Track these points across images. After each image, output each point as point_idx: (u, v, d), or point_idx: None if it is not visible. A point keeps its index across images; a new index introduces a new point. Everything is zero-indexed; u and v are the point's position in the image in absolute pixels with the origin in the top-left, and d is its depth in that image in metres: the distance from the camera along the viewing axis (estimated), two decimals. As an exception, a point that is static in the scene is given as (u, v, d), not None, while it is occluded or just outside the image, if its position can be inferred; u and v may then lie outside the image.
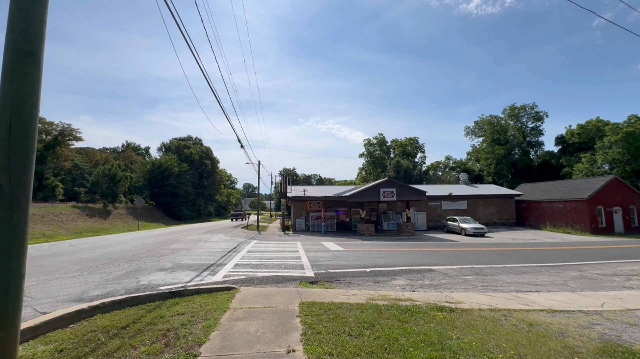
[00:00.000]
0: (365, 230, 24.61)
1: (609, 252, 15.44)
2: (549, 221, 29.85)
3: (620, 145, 47.84)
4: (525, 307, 6.57)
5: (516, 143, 65.87)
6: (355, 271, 10.13)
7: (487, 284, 8.90)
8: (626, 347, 4.44)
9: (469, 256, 14.05)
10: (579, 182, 31.33)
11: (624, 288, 8.74)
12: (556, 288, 8.61)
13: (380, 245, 18.20)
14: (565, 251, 15.97)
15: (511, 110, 68.19)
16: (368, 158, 71.62)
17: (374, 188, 24.99)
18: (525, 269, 11.17)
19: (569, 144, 61.95)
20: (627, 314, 6.35)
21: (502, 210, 33.15)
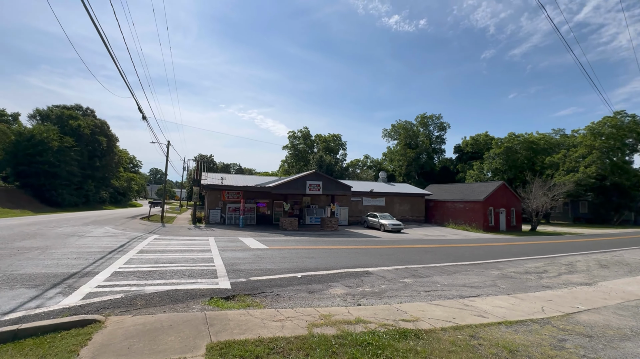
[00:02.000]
0: (288, 224, 22.88)
1: (509, 249, 17.10)
2: (452, 219, 33.16)
3: (501, 156, 57.15)
4: (483, 320, 5.71)
5: (424, 149, 73.05)
6: (284, 278, 8.21)
7: (428, 288, 8.08)
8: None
9: (397, 254, 13.60)
10: (476, 186, 35.70)
11: (543, 287, 8.97)
12: (491, 290, 8.29)
13: (306, 241, 16.69)
14: (476, 248, 17.12)
15: (422, 118, 75.36)
16: (292, 151, 70.15)
17: (300, 180, 23.43)
18: (454, 268, 11.00)
19: (464, 153, 71.79)
20: (570, 321, 6.02)
21: (414, 208, 35.58)
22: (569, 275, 10.82)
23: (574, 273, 11.08)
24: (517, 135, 59.31)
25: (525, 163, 56.68)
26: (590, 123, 51.78)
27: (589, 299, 7.77)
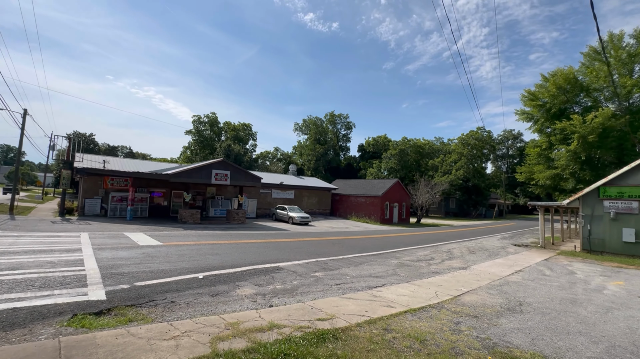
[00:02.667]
0: (189, 217, 20.51)
1: (402, 240, 19.12)
2: (354, 212, 35.62)
3: (396, 157, 64.49)
4: (391, 310, 5.89)
5: (332, 145, 76.67)
6: (182, 281, 6.98)
7: (339, 281, 8.09)
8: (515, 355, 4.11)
9: (307, 247, 13.53)
10: (376, 182, 39.23)
11: (433, 273, 10.09)
12: (393, 279, 8.84)
13: (210, 236, 15.12)
14: (376, 239, 18.56)
15: (331, 116, 78.88)
16: (196, 137, 64.05)
17: (205, 169, 21.26)
18: (360, 259, 11.49)
19: (366, 152, 78.51)
20: (458, 303, 6.77)
21: (321, 201, 36.85)
22: (449, 261, 12.57)
23: (453, 259, 12.94)
24: (409, 139, 67.95)
25: (414, 165, 65.46)
26: (461, 134, 63.11)
27: (467, 281, 9.03)
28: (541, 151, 29.67)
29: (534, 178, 29.80)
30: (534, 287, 8.62)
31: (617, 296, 8.00)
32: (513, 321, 5.67)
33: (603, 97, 26.45)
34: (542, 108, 27.78)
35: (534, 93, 28.53)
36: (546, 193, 31.88)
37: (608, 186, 16.43)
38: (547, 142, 27.97)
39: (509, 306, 6.74)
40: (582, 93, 26.38)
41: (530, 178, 31.26)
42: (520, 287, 8.55)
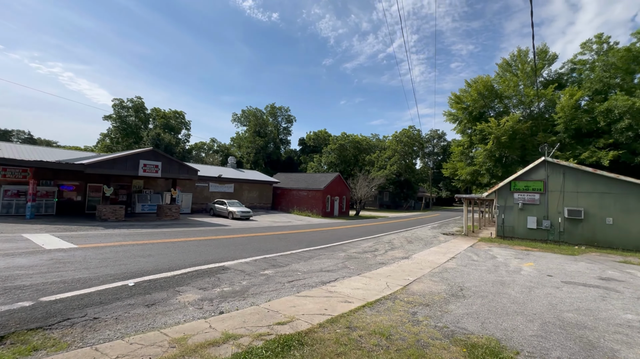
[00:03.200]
0: (110, 214, 17.87)
1: (345, 232, 19.52)
2: (296, 206, 35.44)
3: (336, 152, 66.12)
4: (350, 306, 5.76)
5: (272, 138, 75.16)
6: (107, 290, 5.84)
7: (291, 278, 7.73)
8: (473, 341, 4.26)
9: (252, 243, 12.82)
10: (318, 176, 39.57)
11: (379, 264, 10.38)
12: (344, 272, 8.81)
13: (139, 234, 13.33)
14: (321, 232, 18.60)
15: (272, 108, 77.23)
16: (118, 123, 56.59)
17: (132, 159, 18.72)
18: (309, 254, 11.28)
19: (307, 146, 78.93)
20: (409, 293, 7.00)
21: (262, 195, 35.80)
22: (392, 251, 13.15)
23: (395, 249, 13.58)
24: (348, 135, 70.19)
25: (353, 159, 67.96)
26: (395, 132, 67.44)
27: (412, 271, 9.47)
28: (463, 149, 33.31)
29: (458, 173, 33.35)
30: (468, 272, 9.42)
31: (532, 276, 9.19)
32: (460, 307, 6.02)
33: (511, 104, 30.72)
34: (465, 111, 31.17)
35: (459, 97, 31.81)
36: (465, 187, 35.94)
37: (517, 180, 19.00)
38: (468, 141, 31.53)
39: (452, 292, 7.19)
40: (497, 99, 30.30)
41: (455, 173, 34.91)
42: (457, 273, 9.26)
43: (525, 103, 28.72)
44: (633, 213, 15.85)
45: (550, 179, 18.02)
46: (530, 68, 29.53)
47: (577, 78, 28.27)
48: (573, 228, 17.18)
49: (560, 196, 17.66)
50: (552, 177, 17.98)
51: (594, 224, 16.69)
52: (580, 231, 16.97)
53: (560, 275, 9.61)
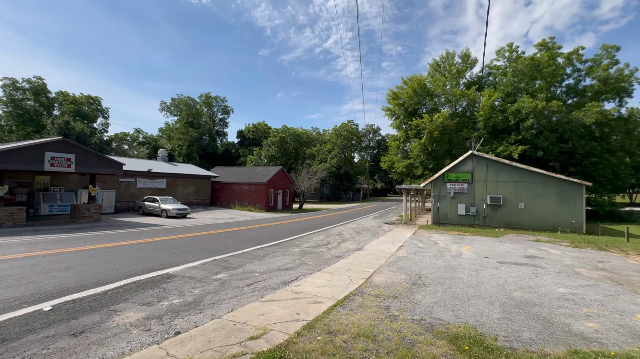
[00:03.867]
0: (6, 218, 14.48)
1: (294, 226, 19.11)
2: (238, 201, 33.75)
3: (277, 145, 64.89)
4: (321, 306, 5.41)
5: (207, 129, 70.46)
6: (12, 321, 4.46)
7: (249, 281, 7.06)
8: (454, 332, 4.25)
9: (197, 243, 11.58)
10: (260, 169, 38.23)
11: (336, 257, 10.25)
12: (304, 269, 8.43)
13: (50, 242, 10.96)
14: (269, 228, 17.86)
15: (206, 98, 72.20)
16: (10, 108, 46.67)
17: (34, 150, 15.38)
18: (262, 252, 10.61)
19: (246, 138, 75.87)
20: (372, 286, 6.94)
21: (199, 191, 33.23)
22: (344, 243, 13.19)
23: (346, 241, 13.67)
24: (288, 128, 69.34)
25: (293, 152, 67.54)
26: (335, 126, 68.91)
27: (369, 262, 9.52)
28: (399, 143, 35.48)
29: (395, 166, 35.43)
30: (419, 260, 9.84)
31: (474, 259, 10.02)
32: (426, 296, 6.13)
33: (440, 102, 33.63)
34: (402, 107, 33.17)
35: (395, 93, 33.67)
36: (400, 178, 38.47)
37: (450, 172, 20.79)
38: (404, 135, 33.66)
39: (412, 281, 7.35)
40: (428, 97, 32.86)
41: (392, 166, 37.02)
42: (410, 261, 9.59)
43: (452, 102, 31.71)
44: (539, 198, 18.57)
45: (476, 170, 20.08)
46: (456, 69, 32.65)
47: (493, 82, 32.23)
48: (494, 213, 19.48)
49: (484, 185, 19.82)
50: (477, 168, 20.06)
51: (510, 209, 19.15)
52: (500, 216, 19.34)
53: (494, 256, 10.67)
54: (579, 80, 29.51)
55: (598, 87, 27.32)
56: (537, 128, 25.78)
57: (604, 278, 7.93)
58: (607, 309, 5.54)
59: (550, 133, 25.67)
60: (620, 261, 10.17)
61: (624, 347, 4.03)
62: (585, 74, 29.06)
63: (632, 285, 7.41)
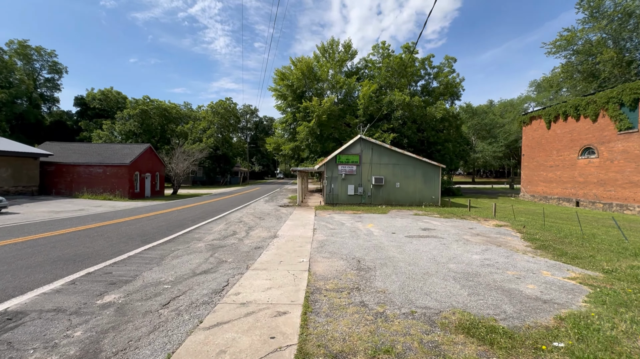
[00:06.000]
0: None
1: (179, 215, 15.93)
2: (87, 187, 26.00)
3: (137, 119, 53.80)
4: (291, 319, 4.24)
5: (25, 91, 51.60)
6: None
7: (162, 298, 5.02)
8: (457, 320, 3.88)
9: (48, 251, 7.75)
10: (119, 147, 30.55)
11: (256, 249, 8.84)
12: (228, 270, 6.78)
13: None
14: (147, 220, 14.19)
15: (21, 47, 52.59)
16: None
17: None
18: (156, 253, 8.06)
19: (90, 108, 59.58)
20: (322, 278, 6.16)
21: (21, 174, 23.80)
22: (253, 231, 11.74)
23: (254, 229, 12.23)
24: (152, 100, 58.46)
25: (159, 129, 57.72)
26: (211, 103, 62.53)
27: (295, 250, 8.60)
28: (286, 126, 35.14)
29: (282, 149, 34.99)
30: (341, 242, 9.61)
31: (386, 236, 10.56)
32: (385, 282, 5.76)
33: (325, 87, 34.93)
34: (290, 88, 32.64)
35: (284, 74, 32.79)
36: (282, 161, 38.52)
37: (341, 154, 21.79)
38: (292, 118, 33.44)
39: (355, 266, 6.93)
40: (315, 81, 33.50)
41: (278, 148, 36.43)
42: (334, 245, 9.22)
43: (336, 88, 33.42)
44: (410, 178, 21.78)
45: (363, 153, 21.74)
46: (340, 58, 34.40)
47: (369, 74, 35.73)
48: (377, 192, 21.72)
49: (370, 167, 21.73)
50: (365, 152, 21.75)
51: (389, 188, 21.75)
52: (382, 194, 21.73)
53: (398, 231, 11.58)
54: (429, 82, 36.26)
55: (442, 89, 34.26)
56: (403, 119, 30.26)
57: (486, 242, 9.66)
58: (519, 269, 6.56)
59: (412, 124, 30.62)
60: (482, 227, 12.83)
61: (575, 303, 4.67)
62: (433, 78, 35.90)
63: (506, 245, 9.25)
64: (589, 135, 22.53)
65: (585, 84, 35.37)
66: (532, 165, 28.74)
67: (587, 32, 33.92)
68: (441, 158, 30.53)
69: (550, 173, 26.39)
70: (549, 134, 26.48)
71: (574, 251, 8.23)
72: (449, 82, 34.06)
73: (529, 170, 29.22)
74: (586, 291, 5.09)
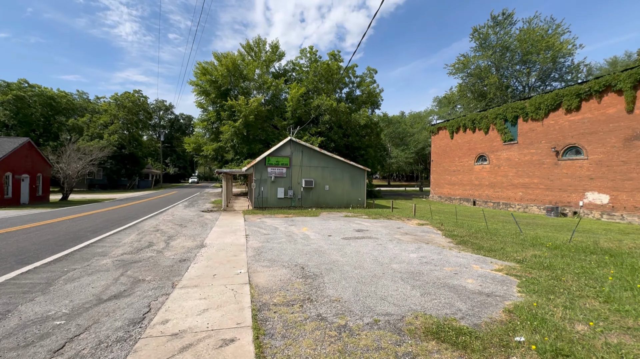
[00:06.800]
0: None
1: (72, 226, 12.92)
2: None
3: (9, 107, 43.15)
4: (243, 346, 3.53)
5: None
6: None
7: (55, 341, 3.71)
8: (424, 327, 3.71)
9: None
10: (-21, 141, 23.70)
11: (181, 261, 7.61)
12: (145, 289, 5.55)
13: None
14: (26, 233, 11.04)
15: None
16: None
17: None
18: (41, 276, 6.17)
19: None
20: (267, 292, 5.54)
21: None
22: (173, 240, 10.21)
23: (175, 238, 10.66)
24: (32, 85, 47.69)
25: (43, 122, 47.42)
26: (115, 94, 54.22)
27: (229, 260, 7.68)
28: (209, 124, 32.50)
29: (203, 149, 32.17)
30: (279, 248, 9.02)
31: (323, 239, 10.35)
32: (337, 289, 5.42)
33: (251, 87, 33.56)
34: (214, 85, 30.26)
35: (207, 69, 30.24)
36: (207, 163, 35.69)
37: (271, 156, 21.07)
38: (215, 116, 31.05)
39: (300, 274, 6.45)
40: (242, 80, 31.83)
41: (199, 149, 33.42)
42: (272, 251, 8.58)
43: (264, 89, 32.40)
44: (339, 181, 22.33)
45: (293, 155, 21.43)
46: (267, 58, 33.52)
47: (297, 77, 35.71)
48: (307, 195, 21.63)
49: (300, 169, 21.52)
50: (295, 154, 21.46)
51: (319, 191, 21.90)
52: (312, 197, 21.72)
53: (334, 233, 11.52)
54: (353, 90, 38.18)
55: (364, 98, 36.42)
56: (330, 123, 31.06)
57: (416, 240, 10.26)
58: (453, 264, 6.99)
59: (338, 129, 31.64)
60: (408, 226, 13.72)
61: (512, 294, 5.03)
62: (357, 86, 37.94)
63: (432, 242, 9.96)
64: (483, 145, 26.66)
65: (476, 102, 42.10)
66: (439, 169, 32.64)
67: (477, 59, 40.49)
68: (364, 162, 32.26)
69: (453, 177, 30.35)
70: (452, 143, 30.47)
71: (487, 244, 9.28)
72: (370, 92, 36.43)
73: (436, 174, 33.10)
74: (514, 281, 5.63)
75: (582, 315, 3.93)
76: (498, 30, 38.45)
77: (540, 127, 21.66)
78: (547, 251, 8.12)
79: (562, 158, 20.24)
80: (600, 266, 6.40)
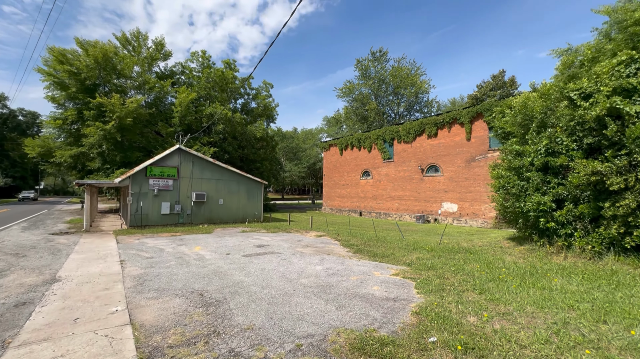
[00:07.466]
0: None
1: None
2: None
3: None
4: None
5: None
6: None
7: None
8: (350, 344, 3.54)
9: None
10: None
11: (19, 306, 5.54)
12: None
13: None
14: None
15: None
16: None
17: None
18: None
19: None
20: (159, 330, 4.54)
21: None
22: (4, 278, 7.43)
23: (9, 272, 7.79)
24: None
25: None
26: None
27: (98, 296, 6.04)
28: (65, 124, 25.93)
29: (55, 155, 25.33)
30: (168, 273, 7.70)
31: (221, 258, 9.42)
32: (247, 314, 4.83)
33: (131, 86, 28.77)
34: (76, 77, 24.35)
35: (66, 57, 24.11)
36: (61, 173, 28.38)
37: (154, 166, 18.34)
38: (76, 115, 24.95)
39: (199, 302, 5.56)
40: (116, 76, 26.80)
41: (49, 154, 26.17)
42: (159, 279, 7.23)
43: (145, 89, 28.20)
44: (234, 194, 21.16)
45: (182, 166, 19.25)
46: (149, 55, 29.50)
47: (187, 81, 32.57)
48: (198, 210, 19.64)
49: (190, 182, 19.44)
50: (184, 164, 19.31)
51: (212, 205, 20.21)
52: (204, 212, 19.82)
53: (232, 251, 10.66)
54: (249, 102, 37.46)
55: (260, 111, 36.18)
56: (224, 134, 29.41)
57: (318, 252, 10.44)
58: (357, 273, 7.30)
59: (233, 140, 30.23)
60: (307, 238, 13.92)
61: (413, 296, 5.48)
62: (252, 98, 37.43)
63: (333, 252, 10.32)
64: (367, 162, 30.04)
65: (359, 124, 47.57)
66: (330, 183, 34.97)
67: (360, 87, 46.08)
68: (260, 175, 31.67)
69: (343, 190, 32.99)
70: (342, 159, 33.25)
71: (380, 251, 10.20)
72: (266, 105, 36.48)
73: (328, 187, 35.36)
74: (411, 284, 6.24)
75: (470, 308, 4.61)
76: (376, 65, 45.00)
77: (410, 149, 25.92)
78: (427, 253, 9.47)
79: (426, 175, 24.64)
80: (467, 262, 7.83)
